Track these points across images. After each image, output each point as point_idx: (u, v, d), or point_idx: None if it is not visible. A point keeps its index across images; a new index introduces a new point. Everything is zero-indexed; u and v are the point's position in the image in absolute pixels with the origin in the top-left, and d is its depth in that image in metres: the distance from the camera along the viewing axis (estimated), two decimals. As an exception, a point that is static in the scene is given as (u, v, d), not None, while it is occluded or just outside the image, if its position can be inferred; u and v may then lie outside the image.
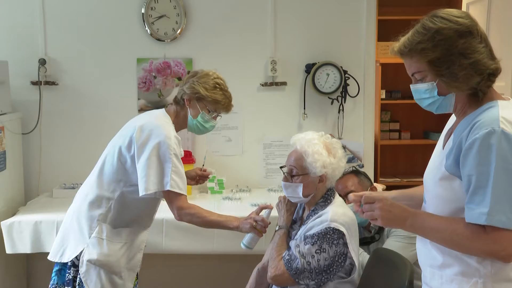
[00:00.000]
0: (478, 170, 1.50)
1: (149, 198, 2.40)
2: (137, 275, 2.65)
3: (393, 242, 2.61)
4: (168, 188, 2.31)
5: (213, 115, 2.50)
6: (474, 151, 1.51)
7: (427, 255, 1.72)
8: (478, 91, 1.60)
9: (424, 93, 1.64)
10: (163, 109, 2.52)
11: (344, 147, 3.69)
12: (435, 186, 1.67)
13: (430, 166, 1.78)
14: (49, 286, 2.48)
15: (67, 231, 2.48)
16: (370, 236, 2.74)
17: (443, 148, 1.71)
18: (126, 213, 2.45)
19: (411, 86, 1.69)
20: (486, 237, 1.50)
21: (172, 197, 2.36)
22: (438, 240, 1.62)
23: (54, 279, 2.46)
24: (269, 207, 2.46)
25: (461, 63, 1.56)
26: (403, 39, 1.64)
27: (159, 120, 2.40)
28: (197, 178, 2.83)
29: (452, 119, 1.79)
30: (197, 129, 2.51)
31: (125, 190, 2.40)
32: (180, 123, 2.51)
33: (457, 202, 1.60)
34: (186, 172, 2.78)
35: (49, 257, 2.51)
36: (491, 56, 1.60)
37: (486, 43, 1.60)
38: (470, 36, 1.57)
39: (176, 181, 2.32)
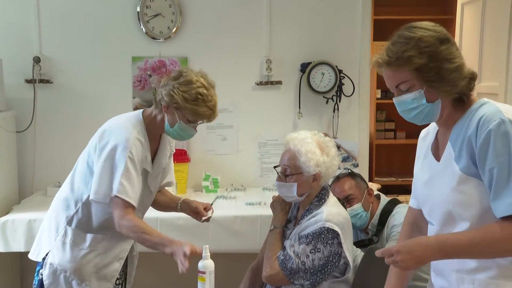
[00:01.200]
0: (498, 162, 1.48)
1: None
2: (121, 284, 2.51)
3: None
4: (114, 193, 2.13)
5: (193, 125, 2.28)
6: (491, 144, 1.49)
7: (452, 260, 1.63)
8: (462, 95, 1.62)
9: (410, 103, 1.63)
10: (140, 111, 2.36)
11: (338, 147, 3.71)
12: (453, 194, 1.61)
13: (429, 181, 1.72)
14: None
15: (43, 230, 2.43)
16: (367, 239, 2.74)
17: (438, 160, 1.69)
18: (94, 217, 2.33)
19: (395, 99, 1.67)
20: None
21: (116, 203, 2.15)
22: (477, 255, 1.55)
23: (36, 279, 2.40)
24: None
25: (448, 67, 1.58)
26: (384, 51, 1.63)
27: (125, 122, 2.27)
28: (198, 214, 2.53)
29: (427, 134, 1.82)
30: (173, 136, 2.31)
31: None
32: (157, 127, 2.31)
33: (481, 202, 1.56)
34: (189, 201, 2.55)
35: (29, 256, 2.45)
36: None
37: (459, 49, 1.64)
38: (449, 43, 1.60)
39: (125, 187, 2.13)
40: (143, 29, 3.73)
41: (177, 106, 2.19)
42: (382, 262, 2.31)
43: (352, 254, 2.31)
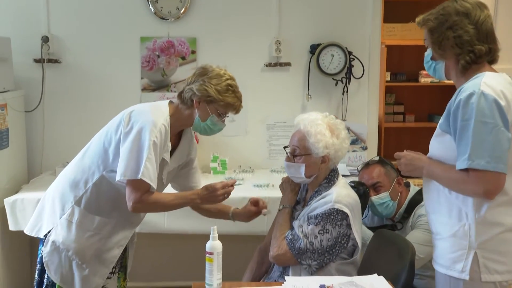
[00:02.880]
0: (461, 125, 1.84)
1: None
2: (125, 273, 2.56)
3: (420, 233, 2.51)
4: (139, 176, 2.15)
5: (222, 119, 2.36)
6: (460, 111, 1.84)
7: (435, 205, 2.03)
8: (459, 62, 1.93)
9: (425, 58, 2.04)
10: (166, 101, 2.38)
11: (347, 129, 3.69)
12: (432, 142, 2.01)
13: None
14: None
15: (44, 207, 2.43)
16: (390, 224, 2.70)
17: None
18: (103, 199, 2.33)
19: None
20: (469, 179, 1.83)
21: (137, 186, 2.19)
22: (444, 185, 1.96)
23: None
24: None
25: (447, 34, 1.93)
26: None
27: (154, 108, 2.30)
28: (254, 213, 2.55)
29: None
30: (203, 131, 2.36)
31: (105, 174, 2.30)
32: (179, 121, 2.35)
33: (446, 154, 1.93)
34: (239, 210, 2.59)
35: (25, 231, 2.45)
36: (484, 39, 1.91)
37: (479, 28, 1.91)
38: (465, 17, 1.92)
39: (148, 170, 2.17)
40: (152, 9, 3.71)
41: (211, 99, 2.28)
42: (389, 244, 2.32)
43: (361, 236, 2.30)
